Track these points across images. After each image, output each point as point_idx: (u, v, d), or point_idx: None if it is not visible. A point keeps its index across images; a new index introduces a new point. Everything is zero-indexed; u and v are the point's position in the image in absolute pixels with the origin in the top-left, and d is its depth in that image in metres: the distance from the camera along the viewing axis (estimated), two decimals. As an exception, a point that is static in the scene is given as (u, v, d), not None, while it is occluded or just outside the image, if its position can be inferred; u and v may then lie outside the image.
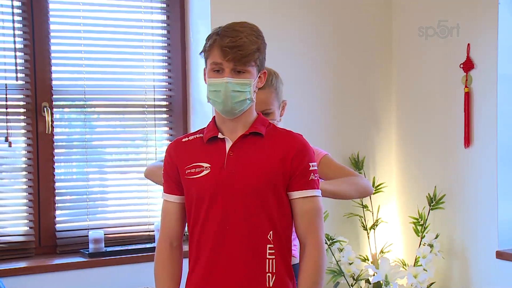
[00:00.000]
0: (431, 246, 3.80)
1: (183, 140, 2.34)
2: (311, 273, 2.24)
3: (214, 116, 2.33)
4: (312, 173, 2.24)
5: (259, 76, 2.26)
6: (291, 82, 3.95)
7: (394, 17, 4.24)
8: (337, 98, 4.13)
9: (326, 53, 4.09)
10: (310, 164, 2.25)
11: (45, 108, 3.64)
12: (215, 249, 2.22)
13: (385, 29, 4.24)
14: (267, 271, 2.22)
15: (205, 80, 2.28)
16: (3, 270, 3.37)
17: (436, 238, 3.84)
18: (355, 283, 3.91)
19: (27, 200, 3.63)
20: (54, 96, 3.69)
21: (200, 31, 3.87)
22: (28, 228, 3.63)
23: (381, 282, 3.82)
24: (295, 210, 2.26)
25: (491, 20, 3.61)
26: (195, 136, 2.33)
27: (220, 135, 2.26)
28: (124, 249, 3.72)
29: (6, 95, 3.56)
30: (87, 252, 3.62)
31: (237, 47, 2.15)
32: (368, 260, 4.08)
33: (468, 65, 3.74)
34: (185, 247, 2.38)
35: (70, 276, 3.51)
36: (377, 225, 4.09)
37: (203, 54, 2.24)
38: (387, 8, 4.24)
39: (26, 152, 3.64)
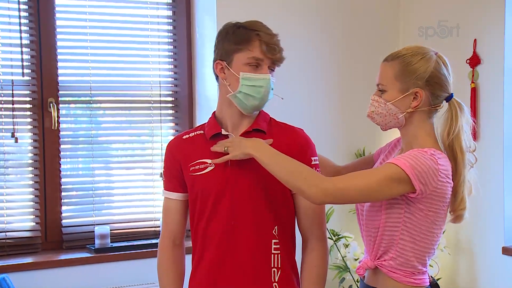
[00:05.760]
0: (437, 242, 3.79)
1: (184, 137, 2.33)
2: (315, 266, 2.26)
3: (214, 112, 2.32)
4: (314, 168, 2.25)
5: None
6: (298, 78, 3.96)
7: (401, 15, 4.23)
8: (343, 94, 4.12)
9: (333, 49, 4.08)
10: (312, 158, 2.26)
11: (51, 104, 3.64)
12: (221, 245, 2.23)
13: (392, 26, 4.23)
14: (272, 266, 2.23)
15: (220, 74, 2.24)
16: (10, 266, 3.38)
17: (442, 233, 3.83)
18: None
19: (33, 196, 3.64)
20: (60, 92, 3.70)
21: (205, 26, 3.87)
22: (35, 223, 3.64)
23: (387, 278, 3.81)
24: (298, 205, 2.27)
25: (498, 15, 3.59)
26: (195, 133, 2.32)
27: (223, 132, 2.26)
28: (130, 244, 3.73)
29: (12, 90, 3.57)
30: (93, 248, 3.62)
31: (279, 46, 2.21)
32: (374, 256, 4.07)
33: (474, 61, 3.72)
34: (187, 244, 2.39)
35: (76, 272, 3.52)
36: (383, 221, 4.08)
37: (235, 46, 2.19)
38: (394, 7, 4.23)
39: (32, 147, 3.65)
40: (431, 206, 2.17)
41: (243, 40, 2.18)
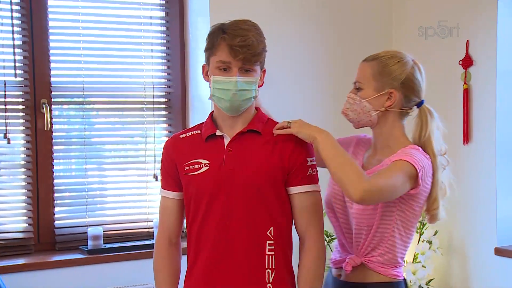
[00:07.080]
0: (430, 242, 3.80)
1: (181, 136, 2.34)
2: (311, 268, 2.25)
3: (211, 113, 2.33)
4: (310, 168, 2.25)
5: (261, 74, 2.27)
6: (292, 78, 3.96)
7: (394, 16, 4.23)
8: (338, 94, 4.10)
9: (326, 50, 4.08)
10: (308, 159, 2.26)
11: (44, 105, 3.63)
12: (215, 245, 2.23)
13: (385, 27, 4.24)
14: (266, 267, 2.23)
15: (205, 77, 2.28)
16: (2, 267, 3.37)
17: (435, 234, 3.84)
18: (354, 279, 3.91)
19: (26, 197, 3.63)
20: (53, 93, 3.69)
21: (199, 28, 3.87)
22: (27, 225, 3.63)
23: (380, 278, 3.82)
24: (294, 205, 2.27)
25: (491, 16, 3.61)
26: (192, 132, 2.33)
27: (218, 132, 2.26)
28: (123, 245, 3.72)
29: (5, 91, 3.56)
30: (86, 249, 3.61)
31: (247, 46, 2.16)
32: (367, 256, 4.07)
33: (467, 62, 3.73)
34: (183, 244, 2.39)
35: (69, 273, 3.51)
36: (376, 222, 4.08)
37: (208, 51, 2.23)
38: (388, 7, 4.24)
39: (25, 148, 3.64)
40: (419, 202, 2.25)
41: (213, 44, 2.20)
